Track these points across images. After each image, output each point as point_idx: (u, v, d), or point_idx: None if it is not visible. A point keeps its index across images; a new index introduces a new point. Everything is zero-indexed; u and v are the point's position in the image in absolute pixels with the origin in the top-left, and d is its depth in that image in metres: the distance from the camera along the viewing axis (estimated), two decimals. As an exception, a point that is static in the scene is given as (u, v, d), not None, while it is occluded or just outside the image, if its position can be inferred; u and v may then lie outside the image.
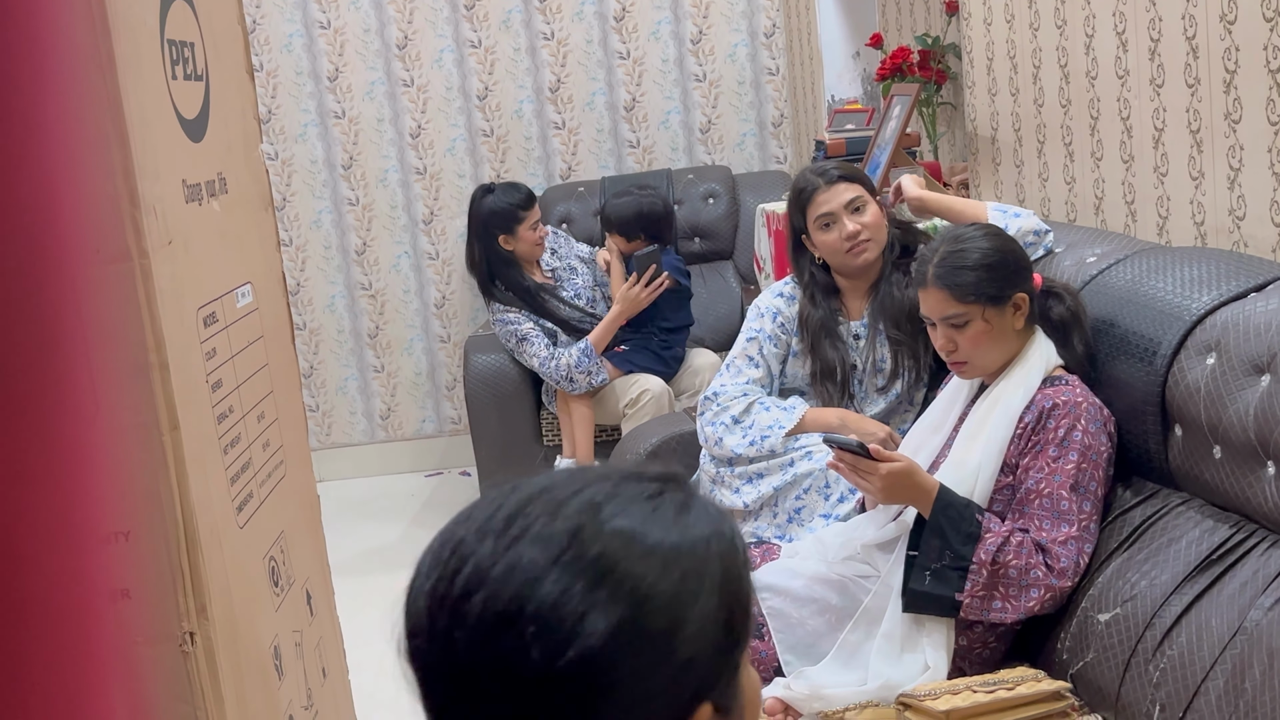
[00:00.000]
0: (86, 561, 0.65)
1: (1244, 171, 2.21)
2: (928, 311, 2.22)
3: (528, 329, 4.04)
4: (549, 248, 4.23)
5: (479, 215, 4.11)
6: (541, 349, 4.01)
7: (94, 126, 1.27)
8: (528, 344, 4.03)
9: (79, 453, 0.64)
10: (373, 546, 4.33)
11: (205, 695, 1.43)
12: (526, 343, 4.03)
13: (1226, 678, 1.72)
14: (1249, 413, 1.82)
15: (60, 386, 0.62)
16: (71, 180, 0.62)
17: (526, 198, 4.09)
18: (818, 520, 2.58)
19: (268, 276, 1.85)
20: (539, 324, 4.07)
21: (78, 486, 0.65)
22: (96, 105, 1.29)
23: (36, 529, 0.61)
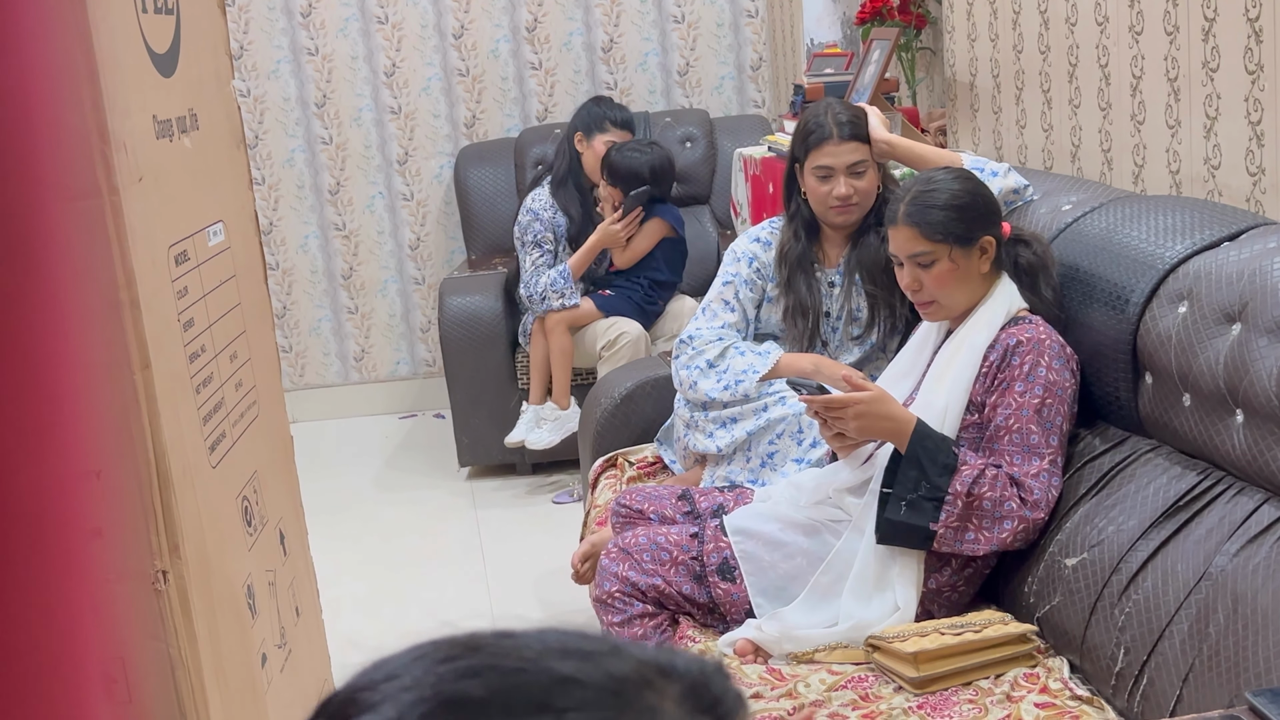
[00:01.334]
0: (60, 500, 0.65)
1: (1220, 120, 2.22)
2: (896, 249, 2.23)
3: (547, 238, 4.05)
4: None
5: (579, 111, 4.18)
6: (535, 258, 4.02)
7: (63, 60, 1.25)
8: (537, 250, 4.04)
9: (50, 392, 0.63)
10: (347, 488, 4.34)
11: (178, 633, 1.44)
12: (537, 249, 4.04)
13: (1191, 622, 1.75)
14: (1219, 361, 1.84)
15: (31, 325, 0.61)
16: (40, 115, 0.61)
17: (622, 119, 4.12)
18: (790, 465, 2.60)
19: (240, 215, 1.84)
20: (555, 237, 4.06)
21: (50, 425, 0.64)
22: (65, 38, 1.27)
23: (8, 468, 0.61)
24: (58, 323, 0.64)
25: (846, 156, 2.58)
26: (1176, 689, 1.72)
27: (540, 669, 0.59)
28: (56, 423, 0.65)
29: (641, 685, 0.60)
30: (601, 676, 0.59)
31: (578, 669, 0.59)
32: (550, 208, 4.06)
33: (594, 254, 4.03)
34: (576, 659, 0.60)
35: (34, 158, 0.60)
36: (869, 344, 2.72)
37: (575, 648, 0.61)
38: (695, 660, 0.62)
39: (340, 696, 0.61)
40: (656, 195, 4.04)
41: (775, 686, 2.00)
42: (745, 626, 2.16)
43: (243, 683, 1.61)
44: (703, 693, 0.61)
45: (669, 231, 4.06)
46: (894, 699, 1.92)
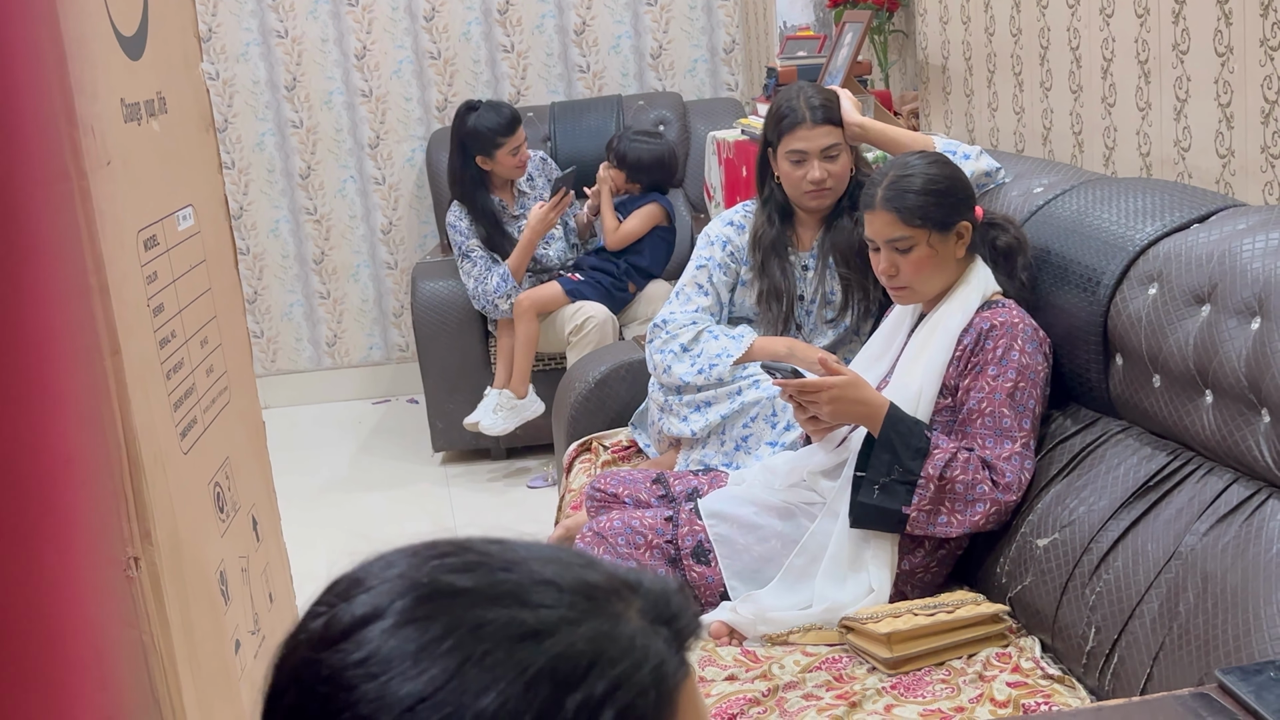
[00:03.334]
0: (30, 486, 0.64)
1: (1190, 103, 2.23)
2: (873, 234, 2.23)
3: (473, 245, 4.02)
4: (527, 172, 4.19)
5: (459, 132, 4.07)
6: (478, 269, 4.01)
7: (28, 42, 1.23)
8: (468, 261, 4.03)
9: (20, 378, 0.63)
10: (320, 474, 4.33)
11: (151, 619, 1.43)
12: (467, 260, 4.03)
13: (1161, 601, 1.76)
14: (1189, 342, 1.85)
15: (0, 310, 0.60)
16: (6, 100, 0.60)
17: (508, 123, 4.02)
18: (764, 448, 2.60)
19: (210, 199, 1.82)
20: (484, 247, 4.04)
21: (19, 412, 0.64)
22: (32, 20, 1.26)
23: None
24: (26, 309, 0.64)
25: (819, 140, 2.58)
26: (1147, 667, 1.74)
27: (523, 570, 0.67)
28: (26, 409, 0.64)
29: (610, 594, 0.67)
30: (576, 582, 0.67)
31: (556, 573, 0.67)
32: (466, 217, 4.05)
33: (531, 248, 4.01)
34: (556, 566, 0.68)
35: (1, 142, 0.60)
36: (843, 327, 2.72)
37: (556, 557, 0.69)
38: (659, 579, 0.70)
39: (345, 579, 0.69)
40: (649, 184, 4.07)
41: (750, 668, 2.00)
42: (720, 609, 2.17)
43: (216, 669, 1.60)
44: (663, 607, 0.68)
45: (663, 219, 4.08)
46: (868, 679, 1.93)
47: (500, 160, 4.03)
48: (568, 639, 0.64)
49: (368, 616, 0.65)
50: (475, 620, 0.64)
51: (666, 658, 0.66)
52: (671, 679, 0.66)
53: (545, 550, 0.70)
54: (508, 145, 4.01)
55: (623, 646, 0.65)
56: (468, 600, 0.65)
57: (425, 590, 0.66)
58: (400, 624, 0.64)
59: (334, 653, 0.65)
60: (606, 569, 0.69)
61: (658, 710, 0.65)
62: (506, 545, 0.70)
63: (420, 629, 0.64)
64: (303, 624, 0.69)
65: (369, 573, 0.68)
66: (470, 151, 4.04)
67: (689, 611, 0.70)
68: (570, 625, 0.64)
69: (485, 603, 0.65)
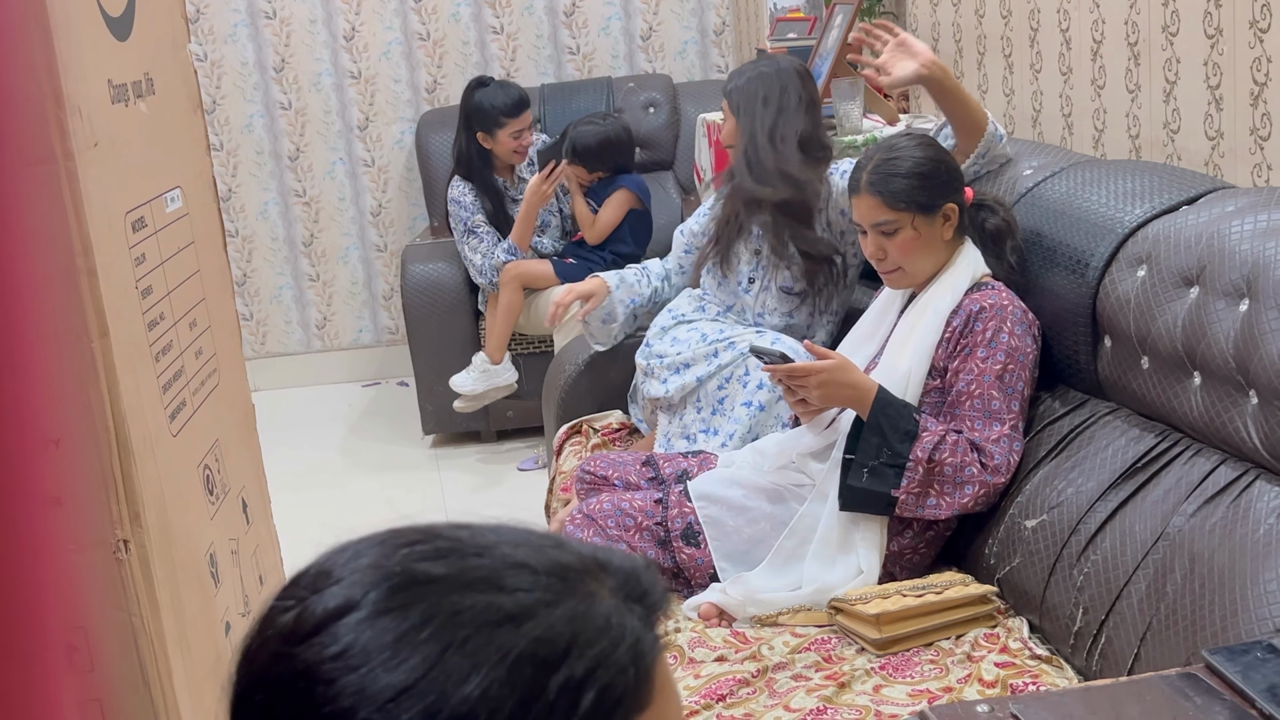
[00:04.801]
0: (19, 469, 0.64)
1: (1180, 85, 2.23)
2: (859, 218, 2.24)
3: (478, 221, 4.02)
4: (529, 158, 4.17)
5: (465, 107, 4.06)
6: (485, 244, 4.00)
7: (15, 23, 1.23)
8: (474, 237, 4.02)
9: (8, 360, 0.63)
10: (310, 456, 4.32)
11: (140, 602, 1.43)
12: (473, 235, 4.02)
13: (1148, 581, 1.77)
14: (1177, 324, 1.86)
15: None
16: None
17: (514, 104, 3.99)
18: (739, 409, 2.61)
19: (198, 181, 1.82)
20: (489, 223, 4.05)
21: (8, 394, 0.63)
22: (18, 1, 1.25)
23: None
24: (14, 291, 0.64)
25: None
26: (1134, 648, 1.75)
27: (495, 554, 0.67)
28: (14, 391, 0.64)
29: (583, 574, 0.67)
30: (549, 564, 0.67)
31: (528, 556, 0.67)
32: (471, 193, 4.04)
33: (531, 219, 3.99)
34: (527, 549, 0.68)
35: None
36: (801, 315, 2.72)
37: (525, 540, 0.69)
38: (629, 558, 0.71)
39: (310, 571, 0.67)
40: (609, 168, 4.02)
41: (739, 649, 2.01)
42: (710, 590, 2.17)
43: (206, 651, 1.61)
44: (634, 585, 0.69)
45: (635, 203, 4.05)
46: (856, 660, 1.94)
47: (501, 141, 4.02)
48: (546, 621, 0.64)
49: (341, 608, 0.64)
50: (452, 607, 0.64)
51: (642, 635, 0.67)
52: (648, 655, 0.66)
53: (513, 533, 0.70)
54: (510, 127, 4.00)
55: (599, 626, 0.65)
56: (443, 587, 0.65)
57: (398, 580, 0.65)
58: (376, 614, 0.63)
59: (308, 647, 0.64)
60: (576, 549, 0.69)
61: (637, 687, 0.65)
62: (475, 530, 0.70)
63: (397, 619, 0.63)
64: (268, 619, 0.67)
65: (336, 564, 0.67)
66: (473, 127, 4.03)
67: (659, 587, 0.70)
68: (547, 608, 0.64)
69: (461, 589, 0.65)
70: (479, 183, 4.05)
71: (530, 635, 0.63)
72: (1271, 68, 1.97)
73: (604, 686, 0.64)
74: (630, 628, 0.66)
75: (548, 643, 0.63)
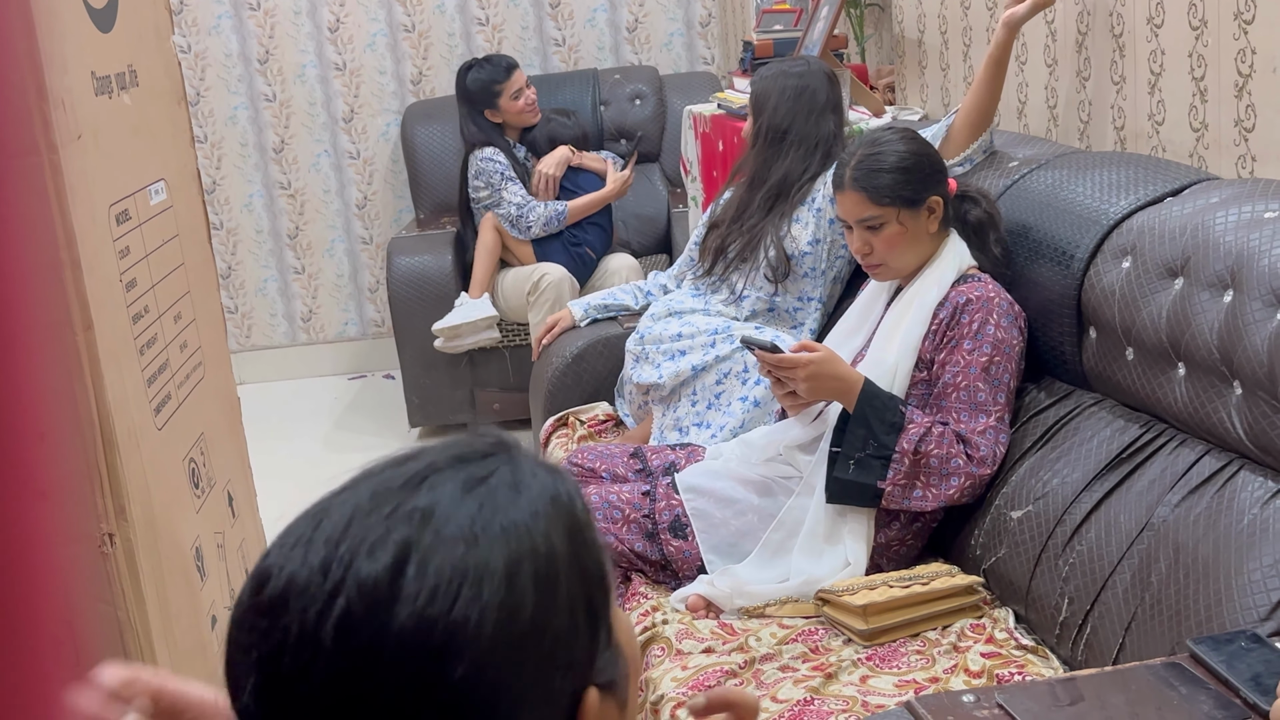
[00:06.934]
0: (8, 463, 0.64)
1: (1164, 76, 2.24)
2: (844, 214, 2.24)
3: (514, 175, 4.07)
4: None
5: (463, 96, 4.13)
6: (520, 189, 4.05)
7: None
8: (510, 183, 4.05)
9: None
10: (296, 450, 4.31)
11: (126, 595, 1.43)
12: (510, 181, 4.05)
13: (1133, 571, 1.78)
14: (1162, 315, 1.86)
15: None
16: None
17: (504, 69, 4.08)
18: (736, 404, 2.62)
19: (182, 173, 1.81)
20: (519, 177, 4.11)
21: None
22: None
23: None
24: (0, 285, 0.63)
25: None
26: (1119, 637, 1.76)
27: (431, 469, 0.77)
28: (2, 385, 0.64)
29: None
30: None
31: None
32: (499, 154, 4.08)
33: (600, 205, 4.10)
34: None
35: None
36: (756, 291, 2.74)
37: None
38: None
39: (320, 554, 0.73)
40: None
41: (727, 641, 2.01)
42: (697, 582, 2.17)
43: (192, 644, 1.60)
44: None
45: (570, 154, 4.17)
46: (843, 651, 1.95)
47: (505, 107, 4.07)
48: None
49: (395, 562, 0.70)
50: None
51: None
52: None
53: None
54: (507, 91, 4.06)
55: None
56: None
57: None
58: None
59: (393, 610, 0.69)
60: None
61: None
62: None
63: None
64: (315, 618, 0.69)
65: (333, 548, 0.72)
66: (479, 108, 4.08)
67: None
68: None
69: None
70: (504, 151, 4.10)
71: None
72: (1256, 60, 1.98)
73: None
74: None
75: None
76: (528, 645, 0.70)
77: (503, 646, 0.69)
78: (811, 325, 2.72)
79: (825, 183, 2.65)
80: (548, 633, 0.71)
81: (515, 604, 0.70)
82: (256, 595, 0.72)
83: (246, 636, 0.71)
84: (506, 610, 0.69)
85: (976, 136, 2.48)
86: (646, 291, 3.11)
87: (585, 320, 3.14)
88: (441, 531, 0.71)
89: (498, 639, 0.69)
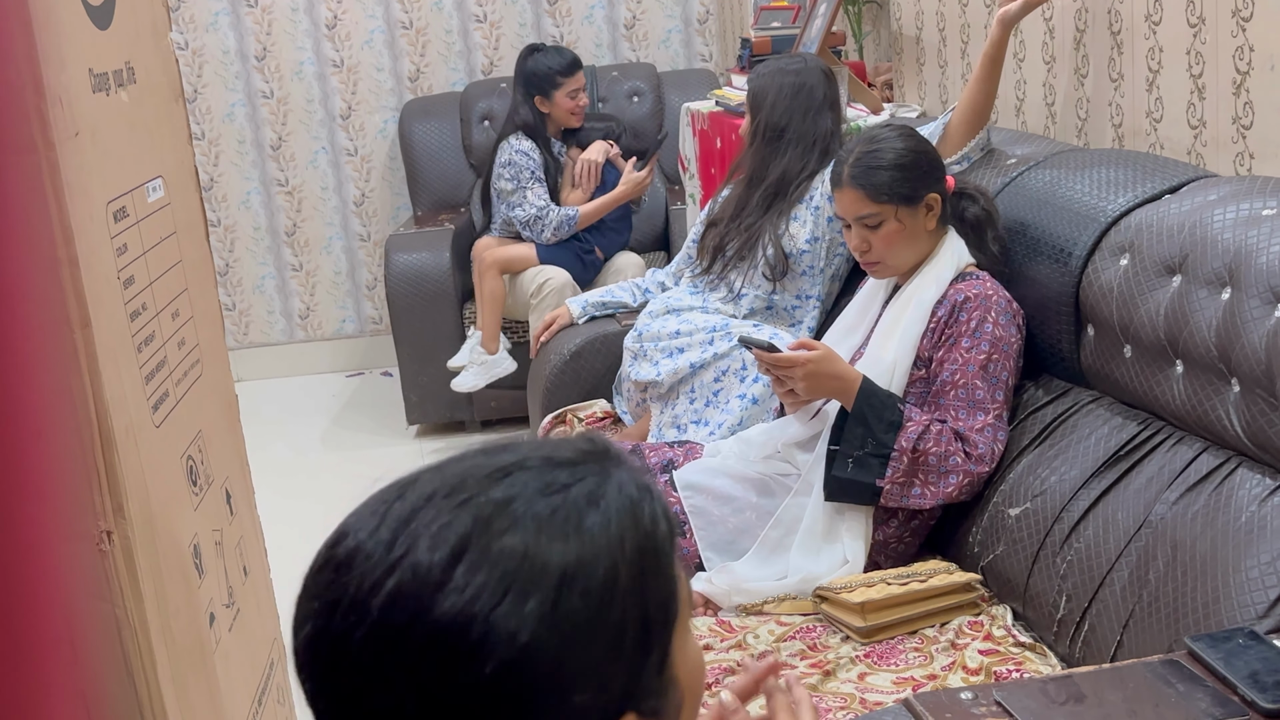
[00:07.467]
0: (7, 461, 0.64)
1: (1162, 73, 2.24)
2: (842, 211, 2.24)
3: (541, 174, 4.05)
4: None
5: (520, 74, 4.11)
6: (541, 191, 4.03)
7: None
8: (537, 183, 4.02)
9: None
10: (294, 447, 4.31)
11: (124, 593, 1.43)
12: (536, 181, 4.02)
13: (1131, 569, 1.78)
14: (1160, 312, 1.86)
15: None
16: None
17: (569, 65, 4.06)
18: (734, 401, 2.62)
19: (179, 170, 1.81)
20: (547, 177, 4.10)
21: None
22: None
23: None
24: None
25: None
26: (1117, 635, 1.76)
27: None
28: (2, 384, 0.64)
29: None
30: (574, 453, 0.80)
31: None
32: (535, 150, 4.05)
33: (612, 206, 4.07)
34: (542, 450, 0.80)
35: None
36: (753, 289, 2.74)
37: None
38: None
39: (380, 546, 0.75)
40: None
41: (725, 638, 2.02)
42: (695, 580, 2.17)
43: (191, 642, 1.60)
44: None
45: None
46: (841, 648, 1.95)
47: (558, 102, 4.05)
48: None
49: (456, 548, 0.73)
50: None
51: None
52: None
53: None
54: (566, 87, 4.03)
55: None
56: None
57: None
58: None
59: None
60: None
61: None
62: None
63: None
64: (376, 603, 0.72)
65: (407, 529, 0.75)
66: (530, 92, 4.06)
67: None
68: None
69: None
70: (540, 145, 4.08)
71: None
72: (1254, 56, 1.98)
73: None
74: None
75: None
76: (562, 660, 0.71)
77: (535, 656, 0.70)
78: (810, 323, 2.72)
79: (823, 180, 2.65)
80: (587, 652, 0.71)
81: (557, 619, 0.70)
82: (333, 548, 0.76)
83: (314, 582, 0.76)
84: (546, 624, 0.70)
85: (973, 134, 2.48)
86: (644, 289, 3.11)
87: (583, 318, 3.14)
88: (505, 532, 0.72)
89: (531, 648, 0.70)
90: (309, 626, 0.74)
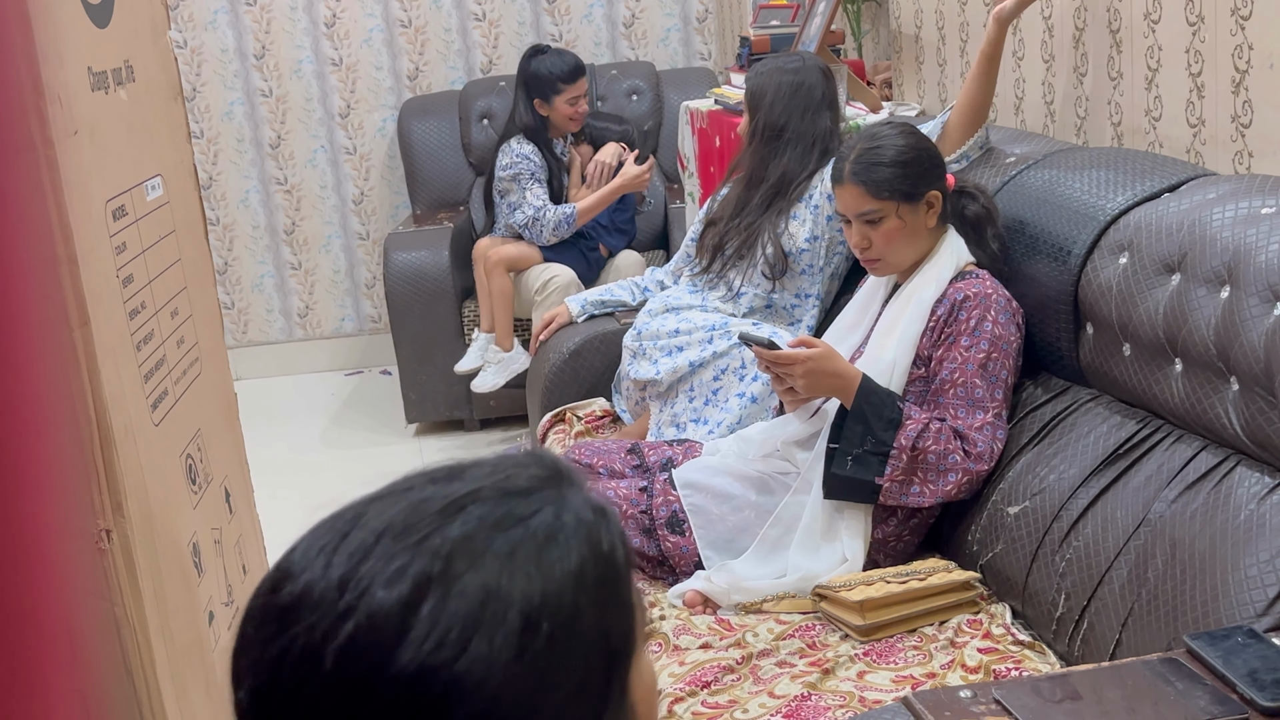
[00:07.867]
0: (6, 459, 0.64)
1: (1161, 72, 2.24)
2: (843, 208, 2.24)
3: (541, 174, 4.03)
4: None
5: (522, 74, 4.09)
6: (540, 191, 4.01)
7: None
8: (536, 184, 4.01)
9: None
10: (293, 446, 4.31)
11: (123, 592, 1.43)
12: (536, 182, 4.01)
13: (1130, 567, 1.78)
14: (1159, 311, 1.86)
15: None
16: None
17: (571, 71, 4.03)
18: (733, 399, 2.62)
19: (178, 169, 1.81)
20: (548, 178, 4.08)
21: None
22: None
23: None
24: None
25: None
26: (1116, 633, 1.76)
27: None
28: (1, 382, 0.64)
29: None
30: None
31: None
32: (536, 153, 4.04)
33: (609, 201, 4.05)
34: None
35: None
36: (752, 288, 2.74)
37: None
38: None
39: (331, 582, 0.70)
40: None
41: (724, 636, 2.02)
42: (694, 578, 2.17)
43: (189, 641, 1.60)
44: None
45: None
46: (841, 647, 1.95)
47: (558, 108, 4.03)
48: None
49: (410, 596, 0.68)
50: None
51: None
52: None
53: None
54: (567, 93, 4.01)
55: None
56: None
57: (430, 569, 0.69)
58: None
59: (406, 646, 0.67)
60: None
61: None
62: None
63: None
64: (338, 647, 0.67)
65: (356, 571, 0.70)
66: (531, 94, 4.04)
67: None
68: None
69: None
70: (541, 147, 4.07)
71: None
72: (1253, 55, 1.98)
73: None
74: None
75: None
76: (533, 702, 0.68)
77: (505, 701, 0.67)
78: (809, 322, 2.72)
79: (823, 179, 2.65)
80: (555, 692, 0.69)
81: (526, 663, 0.67)
82: (274, 593, 0.70)
83: (256, 633, 0.70)
84: (514, 670, 0.67)
85: (972, 133, 2.48)
86: (644, 287, 3.11)
87: (582, 316, 3.14)
88: (464, 574, 0.68)
89: (500, 694, 0.66)
90: (250, 681, 0.69)
